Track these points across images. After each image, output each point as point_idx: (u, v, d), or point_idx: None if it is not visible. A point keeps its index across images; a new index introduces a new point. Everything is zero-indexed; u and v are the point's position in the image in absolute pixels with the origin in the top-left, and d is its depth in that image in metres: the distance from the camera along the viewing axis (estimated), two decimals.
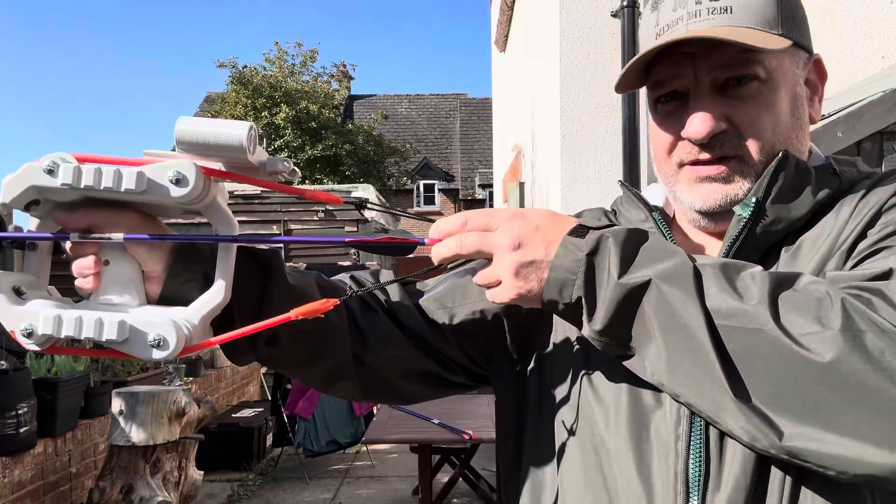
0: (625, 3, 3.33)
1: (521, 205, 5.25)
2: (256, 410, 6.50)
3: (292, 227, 8.17)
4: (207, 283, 0.70)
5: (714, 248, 0.80)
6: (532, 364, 0.85)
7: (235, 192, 8.27)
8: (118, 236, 0.66)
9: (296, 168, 0.71)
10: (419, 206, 23.31)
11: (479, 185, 22.90)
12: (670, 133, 0.78)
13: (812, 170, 0.74)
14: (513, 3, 6.13)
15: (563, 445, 0.77)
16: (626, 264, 0.63)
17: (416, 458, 4.31)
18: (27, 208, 0.67)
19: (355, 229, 8.11)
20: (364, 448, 6.40)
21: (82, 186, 0.62)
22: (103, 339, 0.63)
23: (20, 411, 3.57)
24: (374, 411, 6.05)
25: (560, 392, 0.80)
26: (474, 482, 4.63)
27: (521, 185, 5.29)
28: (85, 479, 4.30)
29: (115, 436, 3.77)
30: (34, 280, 0.70)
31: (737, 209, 0.73)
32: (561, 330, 0.82)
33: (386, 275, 0.90)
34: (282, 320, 0.67)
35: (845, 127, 1.97)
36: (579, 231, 0.66)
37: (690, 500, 0.67)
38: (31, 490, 3.75)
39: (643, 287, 0.62)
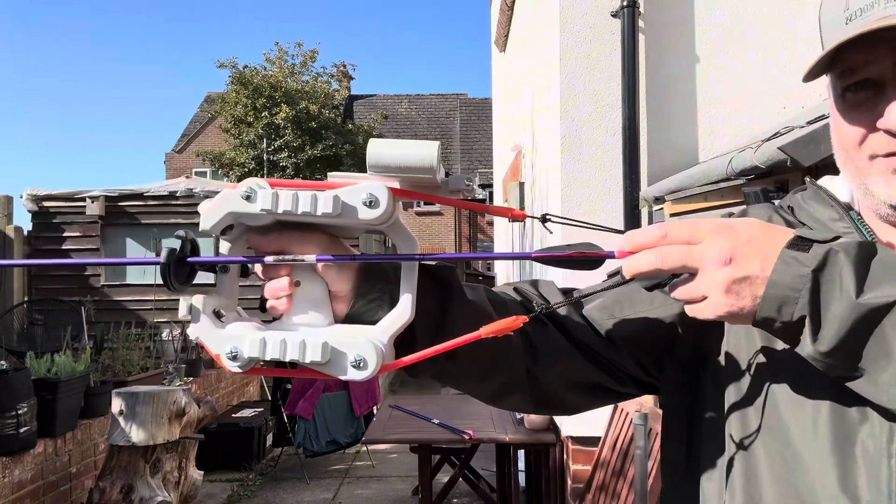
0: (625, 3, 3.32)
1: (521, 204, 5.25)
2: (256, 410, 6.50)
3: None
4: (392, 302, 0.71)
5: None
6: (706, 373, 0.82)
7: None
8: (311, 258, 0.68)
9: (473, 185, 0.71)
10: (419, 206, 23.30)
11: (479, 185, 22.89)
12: (862, 124, 0.73)
13: None
14: (513, 3, 6.13)
15: (744, 459, 0.74)
16: (861, 282, 0.59)
17: (416, 458, 4.30)
18: (222, 233, 0.69)
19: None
20: (364, 448, 6.40)
21: (280, 211, 0.64)
22: (307, 361, 0.64)
23: (20, 411, 3.57)
24: (374, 411, 6.04)
25: (741, 402, 0.76)
26: (474, 482, 4.63)
27: (521, 185, 5.28)
28: (85, 479, 4.30)
29: (116, 436, 3.77)
30: (228, 302, 0.71)
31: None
32: (734, 338, 0.79)
33: (546, 285, 0.89)
34: (473, 338, 0.67)
35: None
36: (799, 244, 0.61)
37: None
38: (31, 490, 3.75)
39: (887, 308, 0.57)
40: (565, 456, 3.64)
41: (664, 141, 3.45)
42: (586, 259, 0.70)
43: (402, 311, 0.70)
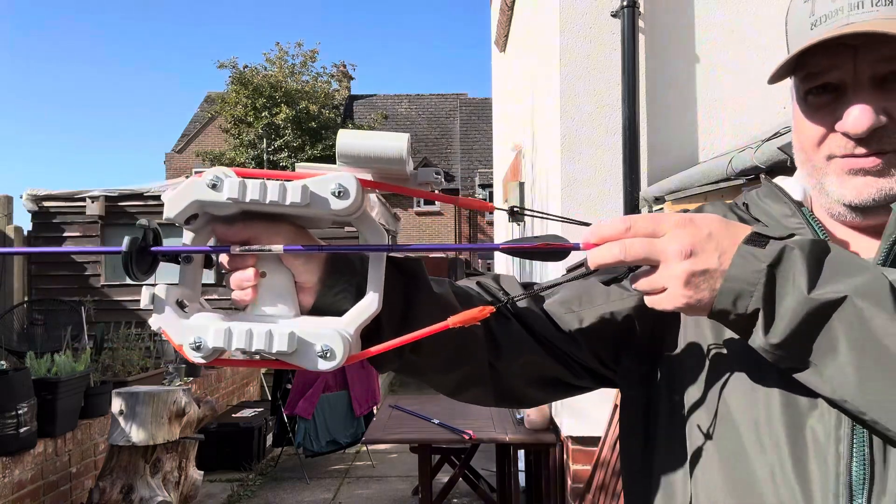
0: (625, 3, 3.32)
1: (521, 204, 5.25)
2: (256, 410, 6.50)
3: None
4: (359, 293, 0.71)
5: (860, 244, 0.77)
6: (661, 365, 0.84)
7: None
8: (278, 248, 0.67)
9: (441, 178, 0.72)
10: (419, 206, 23.31)
11: (479, 185, 22.90)
12: (821, 125, 0.76)
13: None
14: (513, 3, 6.13)
15: (699, 449, 0.76)
16: (814, 278, 0.61)
17: (416, 458, 4.31)
18: (186, 223, 0.68)
19: (355, 230, 8.09)
20: (364, 448, 6.40)
21: (247, 200, 0.63)
22: (273, 351, 0.64)
23: (20, 411, 3.57)
24: (374, 411, 6.05)
25: (695, 394, 0.79)
26: (474, 482, 4.63)
27: (521, 185, 5.29)
28: (85, 479, 4.30)
29: (115, 436, 3.77)
30: (191, 293, 0.71)
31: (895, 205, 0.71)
32: (692, 331, 0.81)
33: (507, 280, 0.91)
34: (440, 328, 0.68)
35: None
36: (755, 240, 0.64)
37: (854, 502, 0.66)
38: (31, 490, 3.75)
39: (836, 303, 0.60)
40: (565, 456, 3.65)
41: (664, 141, 3.45)
42: (552, 251, 0.71)
43: (370, 303, 0.69)
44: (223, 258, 0.70)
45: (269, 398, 6.91)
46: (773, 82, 0.82)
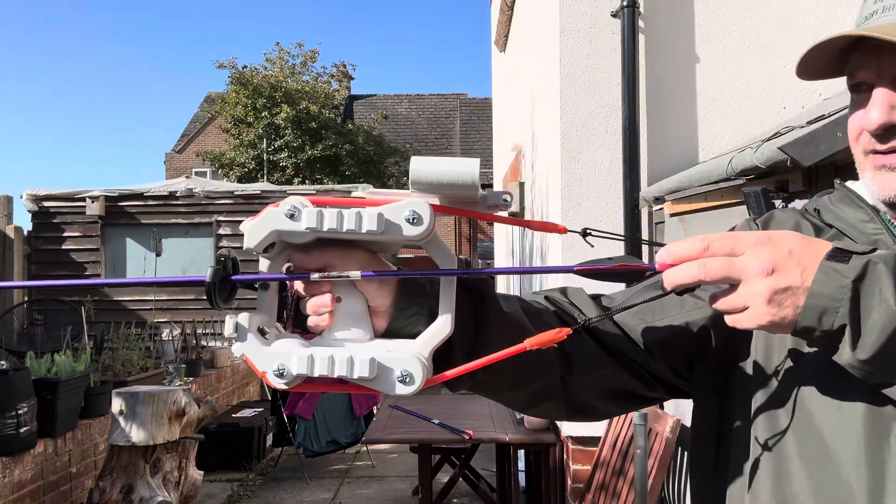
0: (625, 3, 3.32)
1: (521, 204, 5.25)
2: (256, 410, 6.50)
3: None
4: (430, 315, 0.72)
5: None
6: (735, 375, 0.84)
7: (236, 192, 8.29)
8: (356, 274, 0.68)
9: (510, 199, 0.73)
10: None
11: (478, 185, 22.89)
12: (857, 121, 0.79)
13: None
14: (513, 3, 6.13)
15: (769, 458, 0.76)
16: None
17: (416, 458, 4.30)
18: (263, 251, 0.70)
19: None
20: (364, 448, 6.40)
21: (325, 230, 0.65)
22: (355, 377, 0.65)
23: (20, 411, 3.57)
24: (374, 411, 6.05)
25: (769, 403, 0.78)
26: (474, 482, 4.63)
27: (521, 185, 5.29)
28: (85, 479, 4.30)
29: (116, 436, 3.77)
30: (268, 319, 0.72)
31: None
32: (763, 342, 0.81)
33: (575, 293, 0.91)
34: (517, 350, 0.69)
35: (845, 127, 1.96)
36: (838, 255, 0.63)
37: None
38: (31, 490, 3.75)
39: None
40: (565, 456, 3.65)
41: (664, 141, 3.45)
42: (627, 272, 0.71)
43: (443, 326, 0.71)
44: (299, 285, 0.71)
45: (269, 398, 6.91)
46: (806, 77, 0.83)
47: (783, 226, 0.84)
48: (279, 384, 0.67)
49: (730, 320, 0.67)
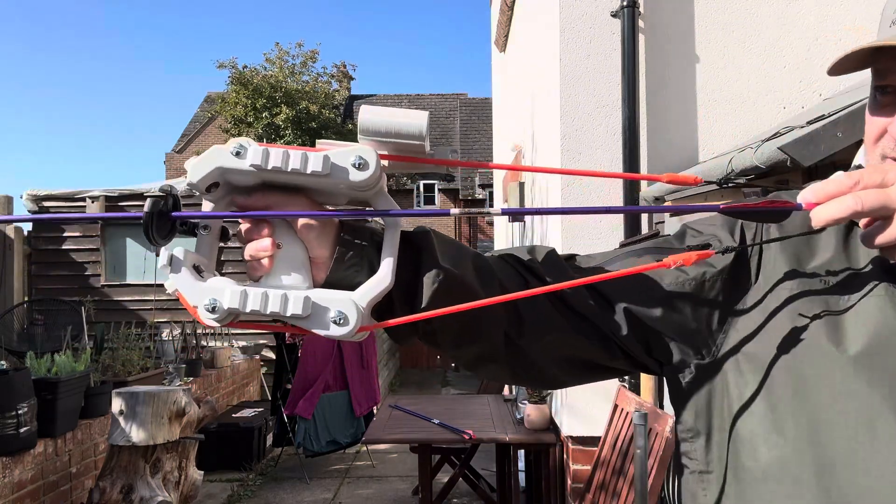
0: (625, 3, 3.33)
1: (521, 204, 5.25)
2: (256, 410, 6.50)
3: None
4: (370, 268, 0.72)
5: None
6: (727, 352, 0.80)
7: None
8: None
9: (458, 153, 0.72)
10: (419, 206, 23.31)
11: (479, 185, 22.89)
12: (880, 124, 0.78)
13: None
14: (513, 3, 6.13)
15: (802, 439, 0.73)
16: None
17: (416, 458, 4.31)
18: (206, 191, 0.69)
19: None
20: (364, 448, 6.40)
21: (270, 168, 0.64)
22: (288, 314, 0.64)
23: (20, 411, 3.57)
24: (374, 411, 6.04)
25: (793, 385, 0.74)
26: (474, 482, 4.63)
27: (521, 185, 5.28)
28: (85, 479, 4.30)
29: (116, 436, 3.77)
30: (207, 262, 0.71)
31: None
32: (784, 318, 0.77)
33: (542, 250, 0.86)
34: (533, 293, 0.71)
35: (845, 127, 1.96)
36: None
37: None
38: (31, 490, 3.75)
39: None
40: (565, 456, 3.65)
41: (664, 141, 3.45)
42: (773, 211, 0.70)
43: (382, 277, 0.70)
44: (241, 227, 0.70)
45: (269, 398, 6.91)
46: (837, 73, 0.81)
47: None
48: (210, 320, 0.66)
49: (893, 256, 0.67)
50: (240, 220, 0.71)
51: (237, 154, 0.65)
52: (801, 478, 0.72)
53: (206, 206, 0.70)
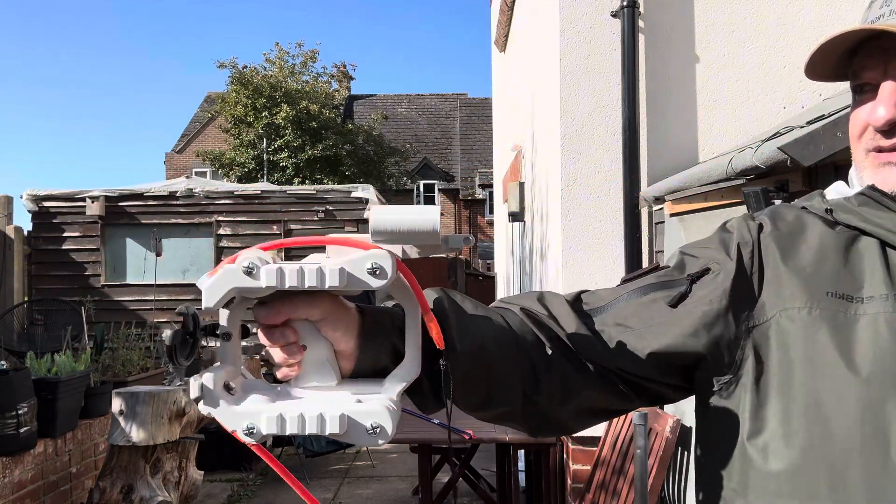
0: (625, 3, 3.33)
1: (521, 204, 5.25)
2: None
3: (292, 227, 8.18)
4: (394, 351, 0.73)
5: None
6: (747, 369, 0.79)
7: (236, 193, 8.29)
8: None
9: (471, 238, 0.74)
10: (419, 205, 23.30)
11: (479, 185, 22.89)
12: (860, 121, 0.81)
13: None
14: (513, 3, 6.13)
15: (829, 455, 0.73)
16: None
17: (416, 458, 4.30)
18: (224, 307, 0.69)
19: (355, 229, 8.11)
20: (364, 448, 6.40)
21: (287, 287, 0.64)
22: (326, 434, 0.65)
23: (20, 411, 3.57)
24: None
25: (805, 399, 0.74)
26: (474, 482, 4.63)
27: (521, 184, 5.29)
28: (85, 479, 4.30)
29: (116, 436, 3.77)
30: (233, 369, 0.71)
31: None
32: (802, 342, 0.76)
33: (553, 301, 0.86)
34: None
35: (845, 127, 1.96)
36: None
37: None
38: (31, 490, 3.75)
39: None
40: (565, 455, 3.65)
41: (664, 141, 3.45)
42: None
43: (410, 368, 0.72)
44: (264, 338, 0.70)
45: None
46: (815, 78, 0.85)
47: (785, 220, 0.84)
48: (249, 442, 0.67)
49: None
50: (260, 325, 0.71)
51: (249, 273, 0.64)
52: (815, 493, 0.72)
53: (223, 316, 0.70)
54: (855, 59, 0.80)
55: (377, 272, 0.65)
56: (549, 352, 0.82)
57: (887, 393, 0.71)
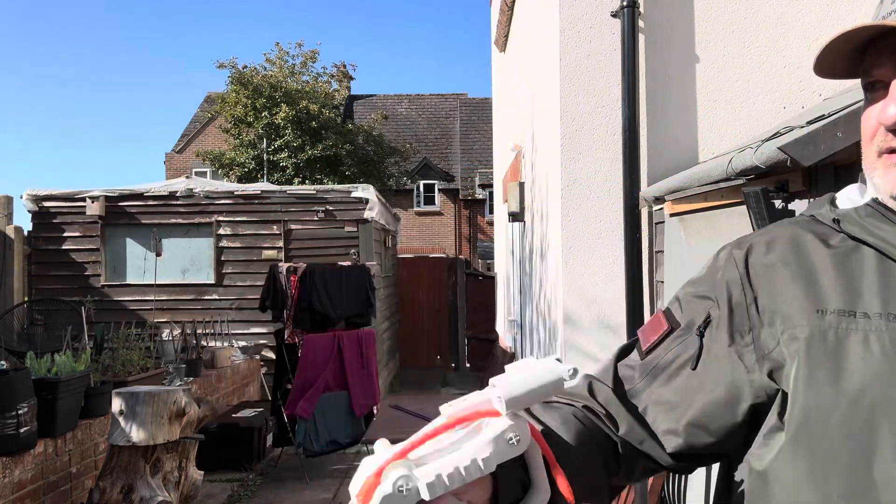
0: (625, 3, 3.33)
1: (521, 205, 5.25)
2: (257, 410, 6.50)
3: (292, 227, 8.18)
4: (521, 483, 0.76)
5: None
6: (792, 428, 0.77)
7: (236, 193, 8.29)
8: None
9: (576, 371, 0.75)
10: (419, 206, 23.30)
11: (479, 185, 22.89)
12: (872, 120, 0.79)
13: None
14: (513, 3, 6.13)
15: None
16: None
17: None
18: None
19: (355, 230, 8.11)
20: (364, 448, 6.40)
21: (452, 489, 0.67)
22: None
23: (20, 411, 3.57)
24: (374, 411, 6.05)
25: (798, 420, 0.74)
26: None
27: (521, 185, 5.29)
28: (85, 479, 4.30)
29: (116, 436, 3.77)
30: None
31: None
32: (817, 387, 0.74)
33: (600, 390, 0.89)
34: None
35: (845, 127, 1.96)
36: None
37: None
38: (31, 490, 3.75)
39: None
40: None
41: (664, 141, 3.45)
42: None
43: (543, 498, 0.74)
44: None
45: (270, 398, 6.91)
46: (823, 75, 0.83)
47: (779, 241, 0.83)
48: None
49: None
50: None
51: (402, 490, 0.64)
52: None
53: None
54: (866, 56, 0.78)
55: (518, 441, 0.69)
56: (621, 450, 0.86)
57: (873, 413, 0.70)
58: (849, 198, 0.85)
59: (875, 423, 0.70)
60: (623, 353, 0.92)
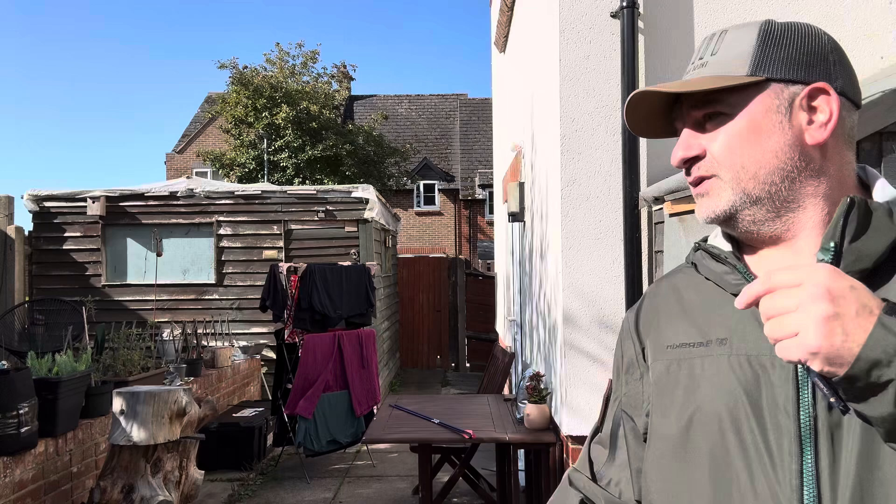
0: (625, 4, 3.33)
1: (521, 205, 5.26)
2: (257, 410, 6.50)
3: (293, 227, 8.18)
4: None
5: (775, 260, 0.86)
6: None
7: (236, 193, 8.30)
8: None
9: None
10: (419, 206, 23.30)
11: (479, 186, 22.88)
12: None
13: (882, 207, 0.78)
14: (513, 3, 6.13)
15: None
16: None
17: (416, 457, 4.31)
18: None
19: (355, 230, 8.12)
20: (364, 448, 6.41)
21: None
22: None
23: (21, 411, 3.57)
24: (374, 411, 6.05)
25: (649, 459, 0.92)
26: (474, 482, 4.64)
27: (521, 185, 5.29)
28: (86, 479, 4.31)
29: (116, 435, 3.77)
30: None
31: (818, 254, 0.77)
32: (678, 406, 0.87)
33: (577, 477, 1.03)
34: None
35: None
36: (891, 311, 0.65)
37: None
38: (31, 490, 3.76)
39: None
40: (565, 455, 3.65)
41: (664, 141, 3.45)
42: None
43: None
44: None
45: (270, 398, 6.92)
46: (643, 136, 0.98)
47: (657, 292, 0.98)
48: None
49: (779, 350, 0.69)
50: None
51: None
52: None
53: None
54: (673, 108, 0.91)
55: None
56: None
57: (689, 452, 0.83)
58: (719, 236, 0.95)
59: (724, 437, 0.80)
60: (595, 431, 1.05)
